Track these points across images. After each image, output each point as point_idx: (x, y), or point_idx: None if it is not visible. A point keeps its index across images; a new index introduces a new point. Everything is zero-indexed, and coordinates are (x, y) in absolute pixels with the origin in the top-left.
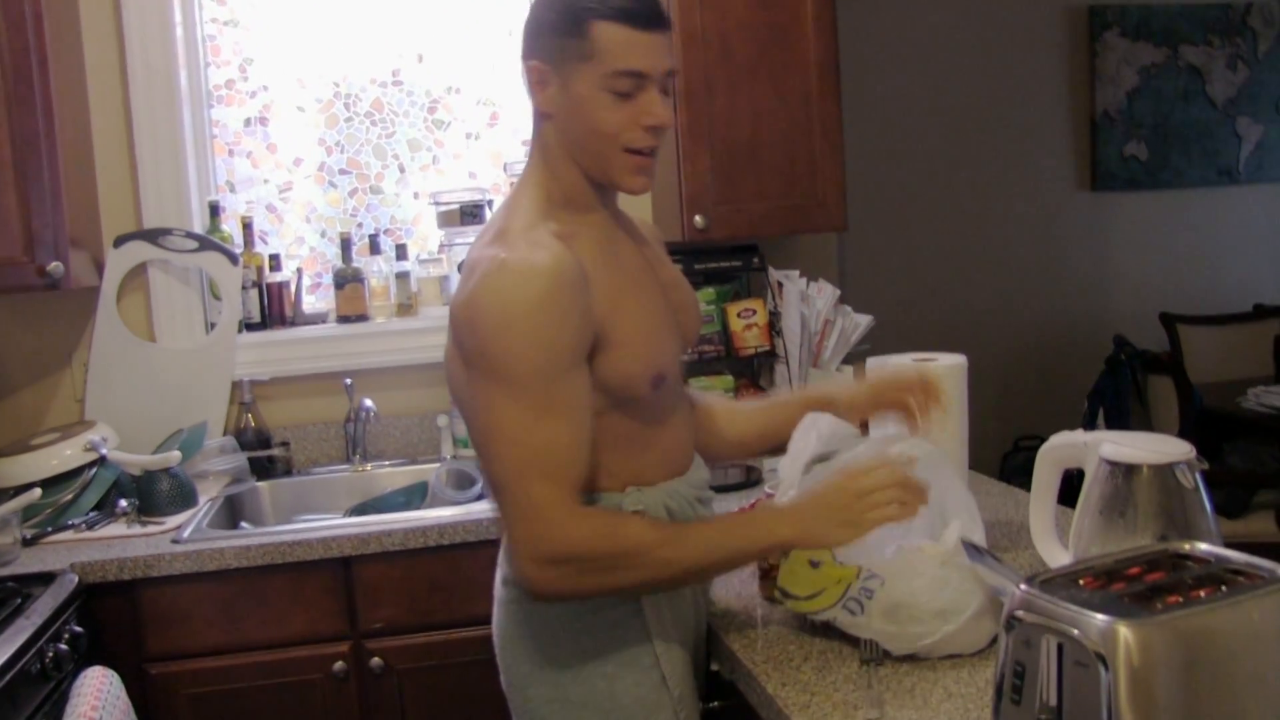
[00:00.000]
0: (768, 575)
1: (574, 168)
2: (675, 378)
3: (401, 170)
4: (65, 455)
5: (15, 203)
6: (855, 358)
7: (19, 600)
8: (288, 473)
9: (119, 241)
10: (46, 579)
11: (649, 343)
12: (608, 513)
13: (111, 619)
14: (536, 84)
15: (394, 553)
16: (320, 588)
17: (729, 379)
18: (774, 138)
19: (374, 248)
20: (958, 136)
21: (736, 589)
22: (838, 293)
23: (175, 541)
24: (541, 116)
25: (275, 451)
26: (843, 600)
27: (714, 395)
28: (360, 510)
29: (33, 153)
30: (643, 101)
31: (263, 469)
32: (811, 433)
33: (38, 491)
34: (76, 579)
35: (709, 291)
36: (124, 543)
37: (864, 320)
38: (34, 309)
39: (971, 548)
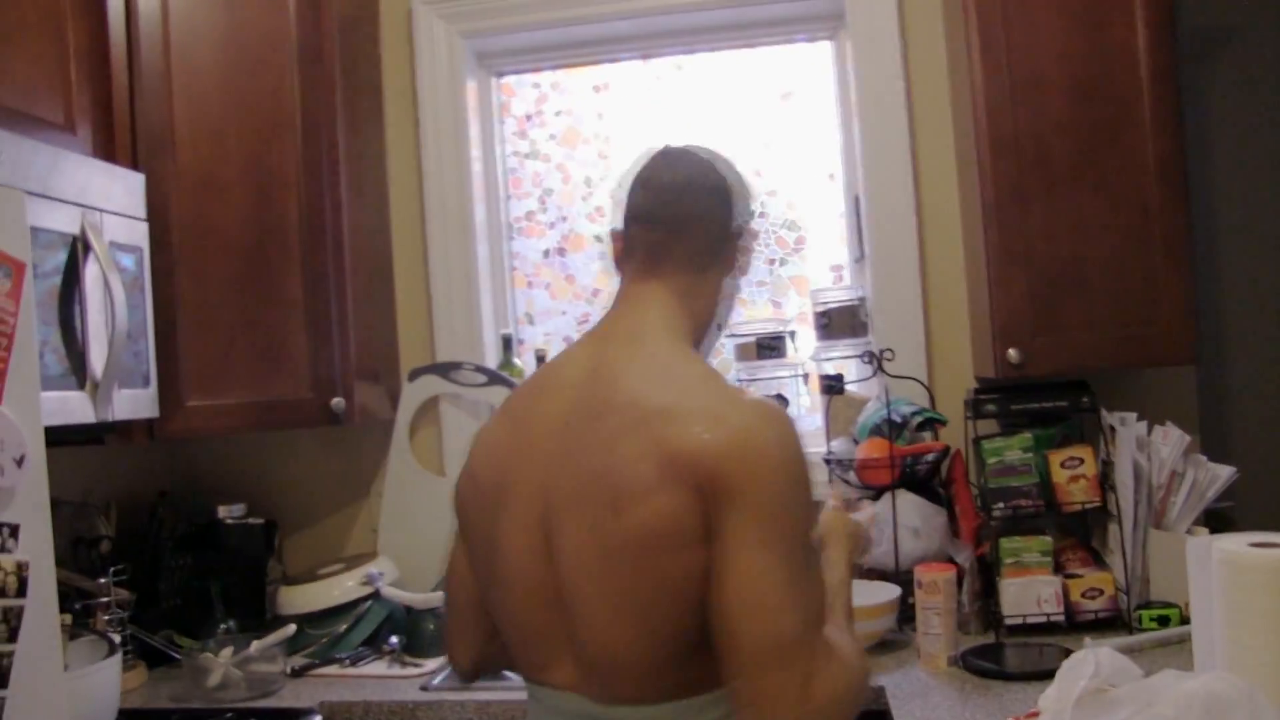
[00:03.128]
0: None
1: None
2: None
3: None
4: (346, 587)
5: (305, 341)
6: (1215, 517)
7: None
8: None
9: (413, 375)
10: (293, 717)
11: None
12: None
13: None
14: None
15: None
16: None
17: (1047, 540)
18: (1103, 255)
19: None
20: None
21: None
22: (1187, 439)
23: (424, 689)
24: (718, 278)
25: None
26: None
27: None
28: None
29: (322, 292)
30: None
31: None
32: (1088, 664)
33: (291, 628)
34: (321, 718)
35: (1026, 437)
36: (378, 684)
37: (1224, 472)
38: (341, 439)
39: None
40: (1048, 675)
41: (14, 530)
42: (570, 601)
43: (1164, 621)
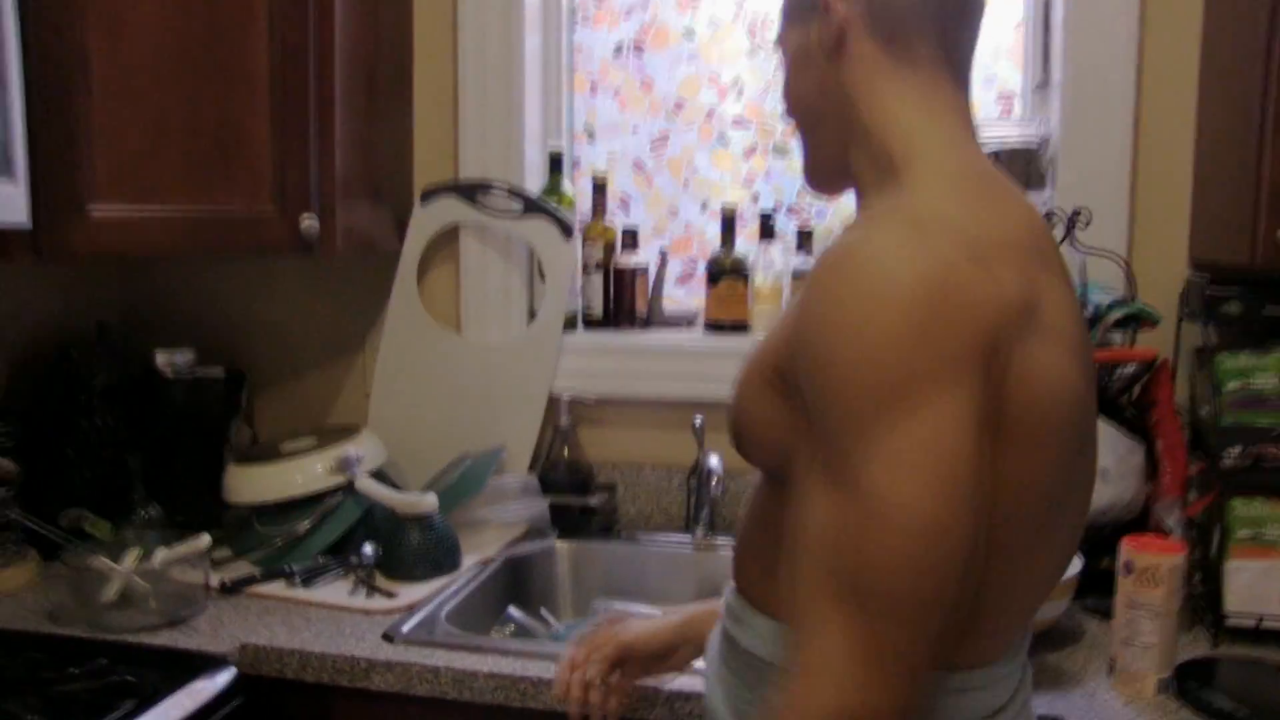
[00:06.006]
0: None
1: None
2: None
3: None
4: (312, 473)
5: (268, 134)
6: None
7: (120, 707)
8: (605, 533)
9: (426, 196)
10: (189, 665)
11: None
12: None
13: None
14: None
15: None
16: None
17: None
18: None
19: (767, 231)
20: None
21: None
22: None
23: (388, 637)
24: None
25: (593, 500)
26: None
27: None
28: None
29: (297, 68)
30: None
31: (571, 523)
32: None
33: (205, 542)
34: (235, 673)
35: None
36: (329, 621)
37: None
38: (331, 275)
39: None
40: None
41: None
42: None
43: None
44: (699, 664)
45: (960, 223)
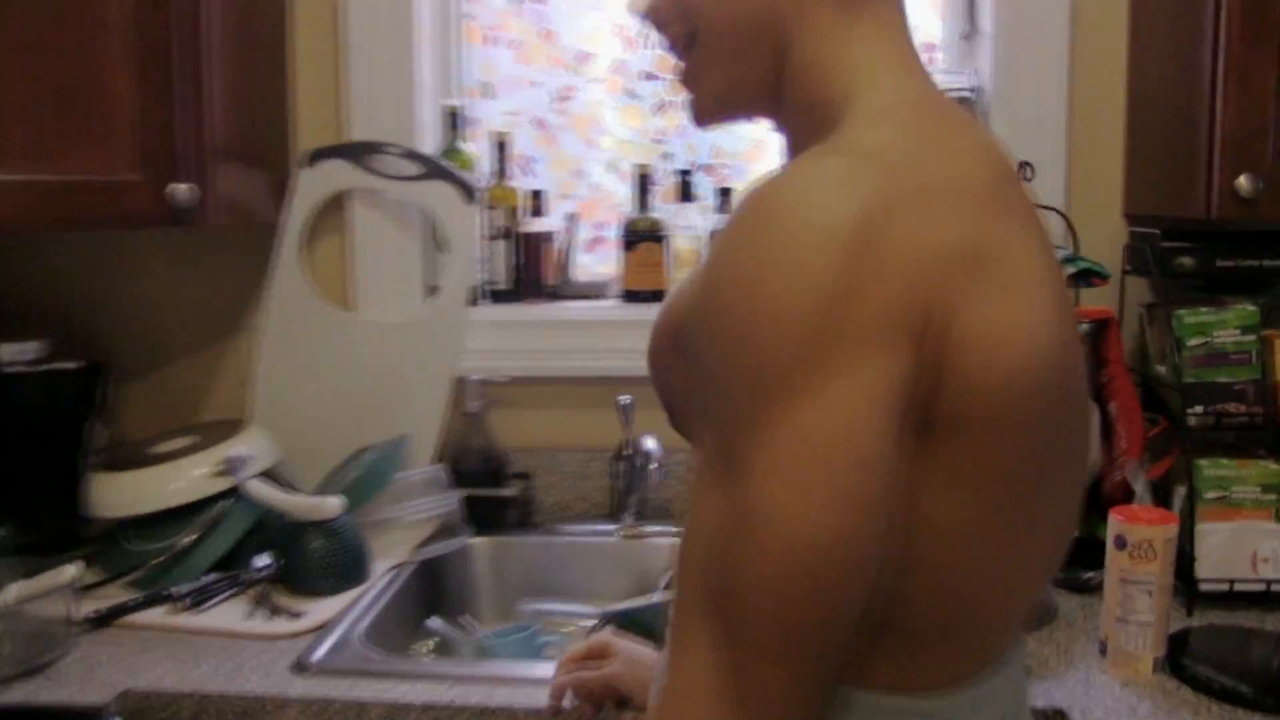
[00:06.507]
0: None
1: None
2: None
3: None
4: (191, 477)
5: (129, 93)
6: None
7: None
8: (524, 525)
9: (312, 159)
10: None
11: None
12: None
13: None
14: None
15: None
16: None
17: (1272, 468)
18: None
19: (686, 192)
20: None
21: None
22: None
23: (300, 667)
24: None
25: (508, 491)
26: None
27: None
28: (626, 622)
29: (161, 14)
30: None
31: (485, 517)
32: None
33: (70, 573)
34: None
35: (1248, 311)
36: (226, 653)
37: None
38: (202, 248)
39: None
40: None
41: None
42: None
43: None
44: None
45: (901, 158)
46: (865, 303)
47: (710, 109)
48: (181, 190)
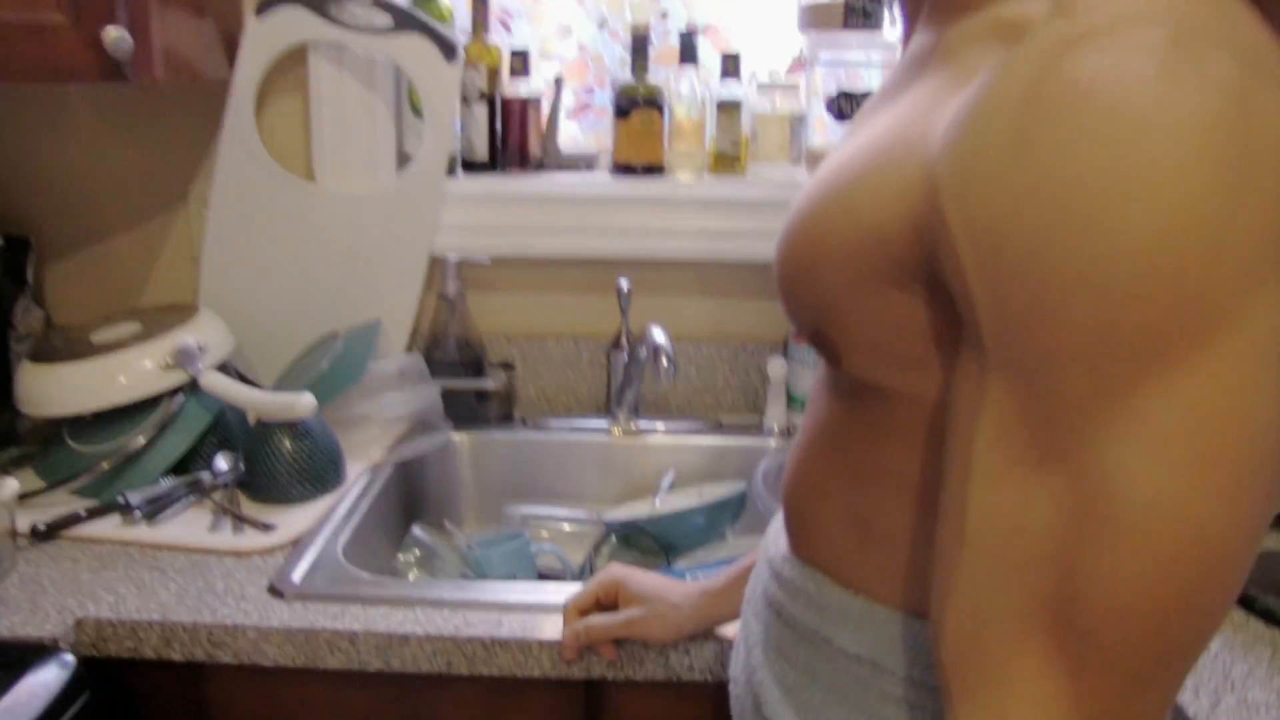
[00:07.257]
0: None
1: None
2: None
3: None
4: (138, 371)
5: None
6: None
7: None
8: (507, 419)
9: (263, 7)
10: (3, 661)
11: None
12: None
13: None
14: None
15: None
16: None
17: None
18: None
19: (685, 54)
20: None
21: None
22: None
23: (276, 591)
24: None
25: (489, 383)
26: None
27: None
28: (625, 537)
29: None
30: None
31: (464, 411)
32: None
33: (11, 485)
34: (72, 664)
35: None
36: (190, 566)
37: None
38: (140, 107)
39: None
40: None
41: None
42: None
43: None
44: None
45: (1213, 20)
46: (1247, 228)
47: None
48: (114, 35)
